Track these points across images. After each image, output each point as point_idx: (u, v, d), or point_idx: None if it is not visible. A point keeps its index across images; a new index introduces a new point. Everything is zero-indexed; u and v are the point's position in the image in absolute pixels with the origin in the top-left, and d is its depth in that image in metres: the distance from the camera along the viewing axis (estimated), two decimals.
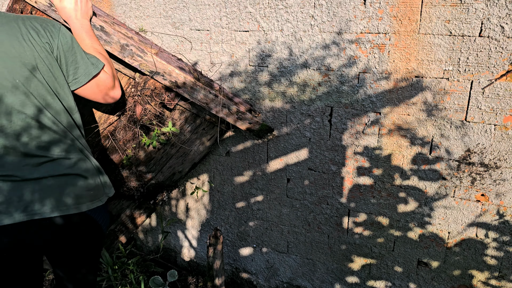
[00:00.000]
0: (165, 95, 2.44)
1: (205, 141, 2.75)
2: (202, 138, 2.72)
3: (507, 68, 1.99)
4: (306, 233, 2.88)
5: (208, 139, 2.74)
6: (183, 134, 2.66)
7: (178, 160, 2.81)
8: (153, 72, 2.32)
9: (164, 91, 2.43)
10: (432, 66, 2.13)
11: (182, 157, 2.80)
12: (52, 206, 1.73)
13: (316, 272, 2.97)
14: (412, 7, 2.06)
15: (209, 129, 2.69)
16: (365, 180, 2.54)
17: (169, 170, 2.86)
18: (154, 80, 2.39)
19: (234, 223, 3.15)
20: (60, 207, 1.75)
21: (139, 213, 3.19)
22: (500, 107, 2.07)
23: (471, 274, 2.47)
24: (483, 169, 2.23)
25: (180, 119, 2.59)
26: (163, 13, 2.73)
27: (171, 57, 2.61)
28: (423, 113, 2.24)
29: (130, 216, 3.16)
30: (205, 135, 2.71)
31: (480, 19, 1.96)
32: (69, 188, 1.78)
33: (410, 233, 2.54)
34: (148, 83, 2.41)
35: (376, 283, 2.78)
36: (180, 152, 2.76)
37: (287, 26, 2.38)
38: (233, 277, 3.35)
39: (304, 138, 2.61)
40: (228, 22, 2.54)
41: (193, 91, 2.40)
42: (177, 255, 3.57)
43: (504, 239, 2.31)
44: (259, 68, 2.57)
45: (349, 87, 2.36)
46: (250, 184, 2.93)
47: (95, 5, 2.57)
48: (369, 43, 2.22)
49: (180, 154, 2.78)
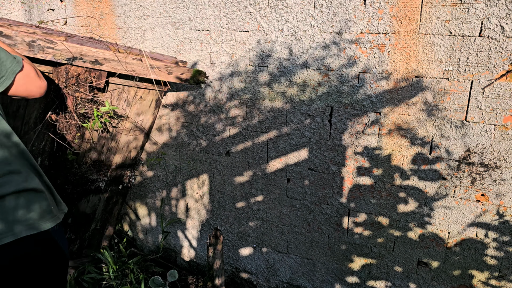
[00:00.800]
0: (91, 77, 2.37)
1: (148, 108, 2.73)
2: (144, 106, 2.71)
3: (507, 68, 1.99)
4: (306, 233, 2.88)
5: (149, 105, 2.73)
6: (123, 108, 2.63)
7: (129, 136, 2.79)
8: (71, 58, 2.24)
9: (88, 73, 2.36)
10: (432, 66, 2.13)
11: (132, 130, 2.78)
12: (3, 228, 1.53)
13: (316, 272, 2.97)
14: (412, 7, 2.06)
15: (146, 95, 2.67)
16: (365, 180, 2.54)
17: (124, 148, 2.84)
18: (75, 67, 2.31)
19: (234, 223, 3.15)
20: (14, 228, 1.54)
21: (113, 202, 3.17)
22: (500, 107, 2.07)
23: (471, 274, 2.47)
24: (483, 169, 2.23)
25: (115, 95, 2.56)
26: (163, 13, 2.73)
27: (82, 39, 2.55)
28: (423, 113, 2.24)
29: (105, 208, 3.16)
30: (146, 101, 2.69)
31: (480, 19, 1.96)
32: (22, 207, 1.59)
33: (410, 233, 2.54)
34: (70, 72, 2.33)
35: (376, 283, 2.78)
36: (127, 127, 2.74)
37: (287, 26, 2.38)
38: (233, 277, 3.35)
39: (304, 138, 2.61)
40: (228, 22, 2.54)
41: (117, 63, 2.35)
42: (177, 255, 3.57)
43: (504, 239, 2.31)
44: (259, 68, 2.57)
45: (349, 87, 2.36)
46: (250, 184, 2.93)
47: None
48: (369, 43, 2.22)
49: (129, 129, 2.76)
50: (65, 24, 3.29)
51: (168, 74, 2.50)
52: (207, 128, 2.93)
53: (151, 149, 3.28)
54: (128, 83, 2.53)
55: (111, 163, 2.85)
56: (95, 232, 3.23)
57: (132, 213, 3.64)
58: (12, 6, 3.56)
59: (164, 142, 3.18)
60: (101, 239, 3.34)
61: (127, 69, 2.38)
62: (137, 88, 2.59)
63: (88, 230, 3.21)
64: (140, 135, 2.84)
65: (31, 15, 3.45)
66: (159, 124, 3.14)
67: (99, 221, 3.18)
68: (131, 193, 3.56)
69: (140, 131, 2.82)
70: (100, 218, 3.16)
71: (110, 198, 3.14)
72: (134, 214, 3.63)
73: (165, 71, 2.48)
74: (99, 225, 3.20)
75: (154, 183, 3.39)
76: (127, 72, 2.39)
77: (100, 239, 3.34)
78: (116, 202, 3.20)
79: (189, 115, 2.97)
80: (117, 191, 3.14)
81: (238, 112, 2.76)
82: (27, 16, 3.48)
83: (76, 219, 3.07)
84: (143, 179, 3.44)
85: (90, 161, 2.75)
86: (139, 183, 3.47)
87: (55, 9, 3.29)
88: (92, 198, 3.02)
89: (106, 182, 2.92)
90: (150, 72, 2.44)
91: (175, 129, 3.08)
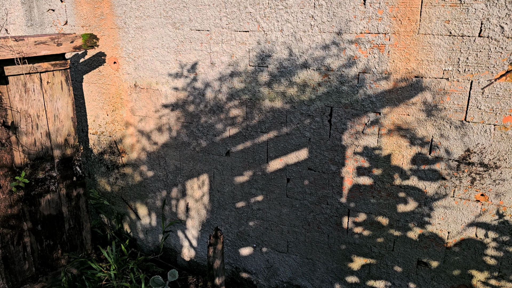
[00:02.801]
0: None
1: (61, 91, 2.71)
2: (55, 90, 2.69)
3: (506, 68, 1.99)
4: (306, 233, 2.89)
5: (61, 88, 2.72)
6: (34, 99, 2.60)
7: (56, 125, 2.78)
8: None
9: None
10: (432, 66, 2.13)
11: (57, 118, 2.77)
12: None
13: (316, 271, 2.98)
14: (412, 7, 2.07)
15: (52, 79, 2.66)
16: (364, 180, 2.54)
17: (58, 139, 2.81)
18: None
19: (234, 223, 3.15)
20: None
21: (76, 196, 3.14)
22: (499, 107, 2.07)
23: (470, 274, 2.47)
24: (482, 169, 2.23)
25: (21, 87, 2.52)
26: (163, 13, 2.73)
27: None
28: (423, 113, 2.25)
29: (70, 204, 3.11)
30: (55, 85, 2.67)
31: (479, 19, 1.96)
32: None
33: (409, 233, 2.54)
34: None
35: (376, 282, 2.78)
36: (49, 117, 2.72)
37: (287, 26, 2.38)
38: (233, 277, 3.36)
39: (304, 138, 2.61)
40: (228, 22, 2.54)
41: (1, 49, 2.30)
42: (177, 255, 3.57)
43: (503, 239, 2.31)
44: (259, 68, 2.57)
45: (349, 87, 2.36)
46: (250, 184, 2.94)
47: None
48: (368, 43, 2.22)
49: (53, 118, 2.75)
50: (65, 24, 3.30)
51: (58, 46, 2.46)
52: (207, 128, 2.94)
53: (151, 149, 3.28)
54: (26, 69, 2.47)
55: (53, 156, 2.82)
56: (72, 232, 3.20)
57: (132, 213, 3.64)
58: (12, 6, 3.56)
59: (164, 142, 3.18)
60: (81, 237, 3.30)
61: (14, 51, 2.32)
62: (40, 74, 2.53)
63: (64, 231, 3.18)
64: (66, 121, 2.80)
65: (31, 15, 3.46)
66: (159, 124, 3.15)
67: (71, 219, 3.14)
68: (131, 193, 3.57)
69: (64, 116, 2.77)
70: (69, 216, 3.12)
71: (70, 193, 3.09)
72: (135, 214, 3.63)
73: (53, 43, 2.43)
74: (72, 223, 3.16)
75: (154, 183, 3.40)
76: (15, 55, 2.32)
77: (81, 238, 3.30)
78: (78, 195, 3.15)
79: (189, 115, 2.98)
80: (73, 183, 3.09)
81: (238, 112, 2.77)
82: (27, 16, 3.49)
83: (45, 224, 3.04)
84: (143, 179, 3.44)
85: (30, 161, 2.73)
86: (139, 182, 3.48)
87: (55, 9, 3.30)
88: (52, 198, 2.98)
89: (55, 178, 2.88)
90: (39, 49, 2.37)
91: (175, 129, 3.09)
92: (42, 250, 3.07)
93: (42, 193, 2.92)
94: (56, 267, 3.20)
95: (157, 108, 3.11)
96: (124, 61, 3.13)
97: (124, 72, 3.17)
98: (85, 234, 3.32)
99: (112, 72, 3.23)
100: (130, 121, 3.31)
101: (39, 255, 3.06)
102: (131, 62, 3.10)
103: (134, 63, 3.09)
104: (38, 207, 2.95)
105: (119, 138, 3.44)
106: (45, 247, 3.08)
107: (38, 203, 2.93)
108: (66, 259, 3.26)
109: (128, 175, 3.52)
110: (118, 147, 3.48)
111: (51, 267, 3.17)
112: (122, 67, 3.16)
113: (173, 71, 2.92)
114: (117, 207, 3.72)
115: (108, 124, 3.45)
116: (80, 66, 3.37)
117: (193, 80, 2.87)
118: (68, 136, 2.90)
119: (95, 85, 3.36)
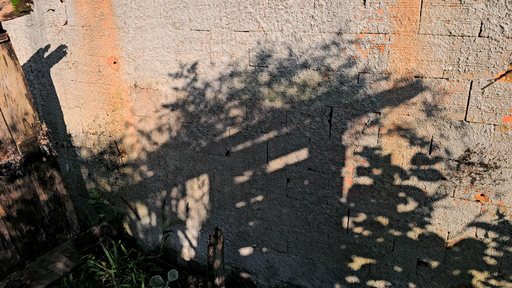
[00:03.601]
0: None
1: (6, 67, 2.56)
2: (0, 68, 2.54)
3: (506, 68, 1.99)
4: (306, 233, 2.89)
5: (5, 63, 2.55)
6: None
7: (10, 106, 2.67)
8: None
9: None
10: (432, 66, 2.14)
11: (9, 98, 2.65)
12: None
13: (316, 271, 2.98)
14: (412, 7, 2.07)
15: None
16: (364, 180, 2.54)
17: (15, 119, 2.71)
18: None
19: (234, 223, 3.15)
20: None
21: (50, 177, 3.06)
22: (499, 107, 2.07)
23: (470, 274, 2.47)
24: (482, 169, 2.23)
25: None
26: (163, 13, 2.73)
27: None
28: (423, 113, 2.25)
29: (45, 186, 3.02)
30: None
31: (479, 19, 1.96)
32: None
33: (409, 233, 2.55)
34: None
35: (376, 282, 2.78)
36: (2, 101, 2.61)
37: (287, 26, 2.38)
38: (233, 277, 3.36)
39: (304, 138, 2.61)
40: (228, 22, 2.54)
41: None
42: (177, 255, 3.57)
43: (503, 239, 2.31)
44: (259, 68, 2.57)
45: (349, 87, 2.36)
46: (250, 184, 2.94)
47: None
48: (368, 43, 2.22)
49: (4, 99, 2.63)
50: (65, 24, 3.30)
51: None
52: (207, 128, 2.94)
53: (151, 149, 3.28)
54: None
55: (13, 139, 2.71)
56: (54, 214, 3.11)
57: (132, 213, 3.64)
58: None
59: (164, 142, 3.18)
60: (66, 219, 3.20)
61: None
62: None
63: (44, 215, 3.08)
64: (20, 99, 2.66)
65: (31, 15, 3.46)
66: (159, 124, 3.15)
67: (50, 202, 3.06)
68: (131, 193, 3.57)
69: (16, 95, 2.61)
70: (47, 198, 3.03)
71: (42, 175, 2.96)
72: (135, 214, 3.63)
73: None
74: (52, 205, 3.08)
75: (154, 183, 3.40)
76: None
77: (65, 219, 3.20)
78: (52, 176, 3.03)
79: (189, 115, 2.98)
80: (44, 165, 2.96)
81: (238, 112, 2.77)
82: (27, 16, 3.49)
83: (21, 210, 2.93)
84: (143, 179, 3.44)
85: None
86: (139, 182, 3.48)
87: (55, 9, 3.30)
88: (23, 182, 2.87)
89: (20, 161, 2.76)
90: None
91: (175, 129, 3.09)
92: (23, 237, 2.99)
93: (10, 179, 2.81)
94: (43, 251, 3.13)
95: (157, 108, 3.11)
96: (124, 61, 3.13)
97: (124, 72, 3.17)
98: (69, 215, 3.21)
99: (112, 72, 3.23)
100: (130, 121, 3.31)
101: (21, 242, 2.98)
102: (131, 62, 3.10)
103: (134, 63, 3.09)
104: (8, 194, 2.85)
105: (119, 138, 3.44)
106: (26, 233, 2.99)
107: (7, 190, 2.83)
108: (53, 242, 3.18)
109: (128, 175, 3.52)
110: (118, 147, 3.48)
111: (37, 252, 3.10)
112: (122, 67, 3.16)
113: (173, 71, 2.92)
114: (117, 207, 3.72)
115: (108, 124, 3.45)
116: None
117: (193, 80, 2.87)
118: (26, 115, 2.73)
119: (95, 85, 3.36)
